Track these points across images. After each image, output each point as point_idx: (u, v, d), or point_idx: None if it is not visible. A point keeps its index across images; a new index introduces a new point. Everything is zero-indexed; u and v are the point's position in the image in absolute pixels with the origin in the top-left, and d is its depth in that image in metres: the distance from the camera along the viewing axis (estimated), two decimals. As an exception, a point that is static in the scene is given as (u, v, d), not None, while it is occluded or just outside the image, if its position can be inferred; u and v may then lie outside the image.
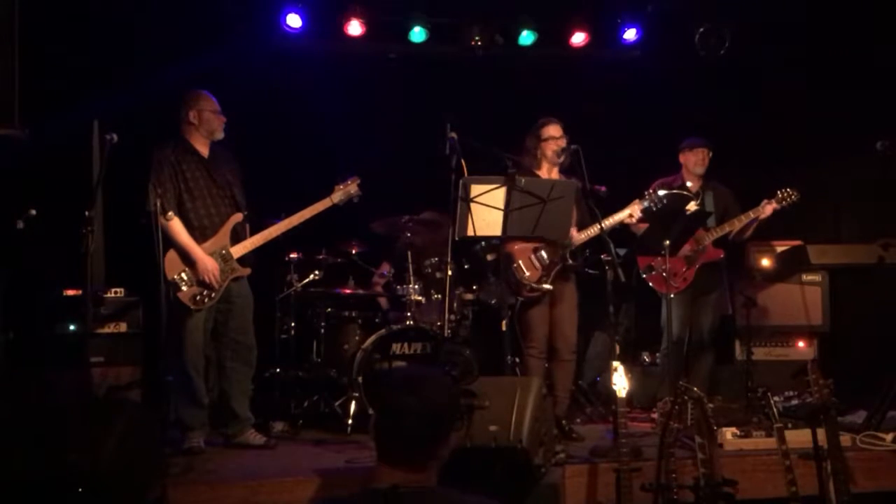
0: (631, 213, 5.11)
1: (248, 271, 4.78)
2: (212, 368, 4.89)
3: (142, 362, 5.34)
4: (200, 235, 4.66)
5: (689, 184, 5.78)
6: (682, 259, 5.53)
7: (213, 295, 4.63)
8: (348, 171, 5.04)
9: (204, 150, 4.77)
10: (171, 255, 4.56)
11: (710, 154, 5.78)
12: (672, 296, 5.25)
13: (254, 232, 4.83)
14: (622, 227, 5.65)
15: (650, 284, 5.62)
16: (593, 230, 4.98)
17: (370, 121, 6.54)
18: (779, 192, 5.48)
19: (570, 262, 5.07)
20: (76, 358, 4.94)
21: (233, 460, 4.49)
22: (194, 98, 4.76)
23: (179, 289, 4.57)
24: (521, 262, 5.04)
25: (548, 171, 5.13)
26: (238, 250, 4.73)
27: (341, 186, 4.95)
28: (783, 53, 6.52)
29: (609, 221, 5.01)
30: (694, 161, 5.77)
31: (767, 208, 5.49)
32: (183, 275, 4.58)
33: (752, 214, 5.52)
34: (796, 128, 6.53)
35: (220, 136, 4.79)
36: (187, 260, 4.59)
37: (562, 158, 5.02)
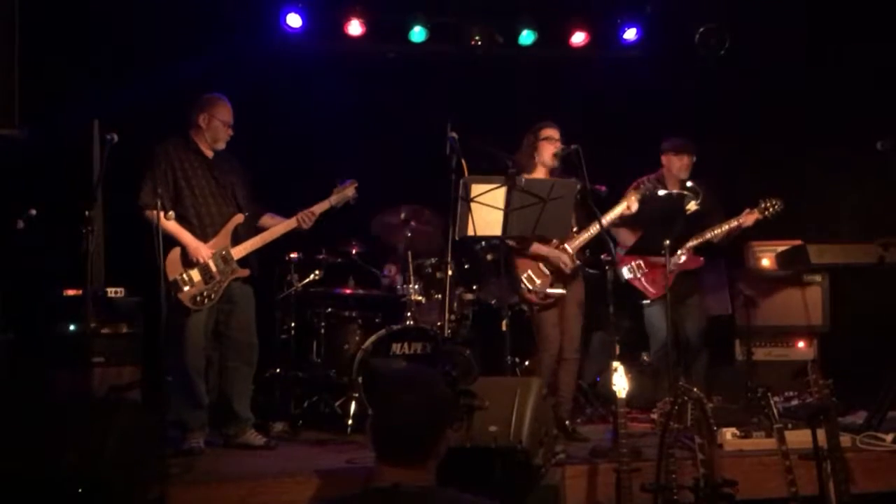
0: (628, 205, 5.06)
1: (248, 272, 4.78)
2: (212, 368, 4.89)
3: (142, 362, 5.33)
4: (201, 234, 4.66)
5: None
6: (661, 265, 5.43)
7: (213, 296, 4.64)
8: (347, 173, 5.04)
9: (208, 152, 4.77)
10: (173, 256, 4.57)
11: (695, 159, 5.59)
12: (651, 302, 5.22)
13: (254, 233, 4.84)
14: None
15: (634, 287, 5.55)
16: (593, 229, 4.96)
17: (370, 121, 6.54)
18: (761, 202, 5.35)
19: (577, 262, 5.07)
20: (76, 358, 4.93)
21: (233, 460, 4.49)
22: (210, 103, 4.74)
23: (180, 289, 4.57)
24: (530, 271, 5.01)
25: (542, 175, 5.04)
26: (239, 251, 4.73)
27: (339, 189, 4.95)
28: (783, 53, 6.52)
29: (608, 217, 5.00)
30: (679, 166, 5.57)
31: (749, 218, 5.37)
32: (184, 275, 4.58)
33: (733, 223, 5.38)
34: (796, 127, 6.53)
35: (221, 146, 4.79)
36: (187, 260, 4.59)
37: (556, 163, 4.98)
